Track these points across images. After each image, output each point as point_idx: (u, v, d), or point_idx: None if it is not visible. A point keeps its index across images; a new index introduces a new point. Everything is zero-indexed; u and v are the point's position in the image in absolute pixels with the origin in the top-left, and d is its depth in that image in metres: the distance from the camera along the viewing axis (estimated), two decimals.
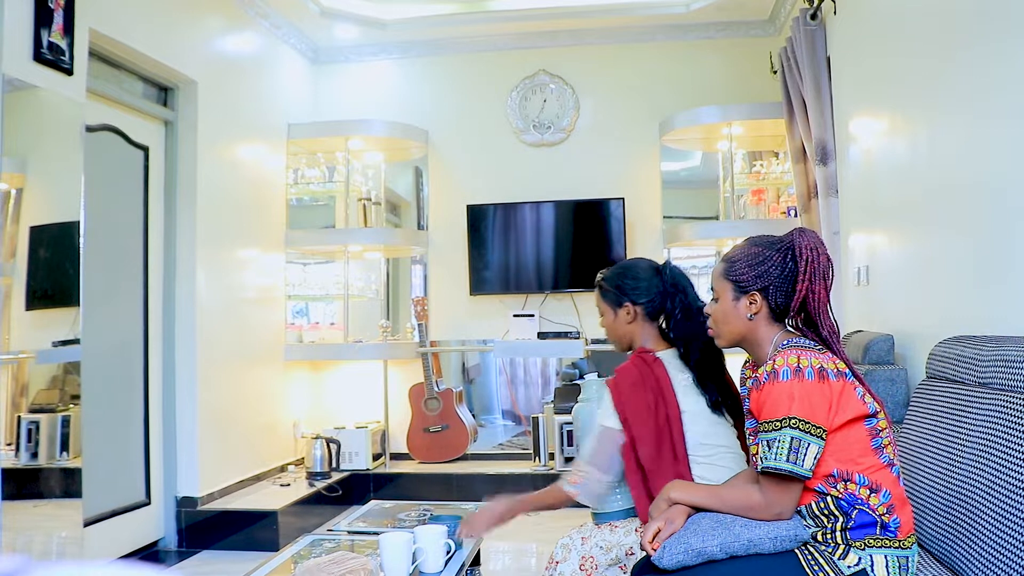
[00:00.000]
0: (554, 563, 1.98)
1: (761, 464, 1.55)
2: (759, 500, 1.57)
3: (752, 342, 1.69)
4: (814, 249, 1.61)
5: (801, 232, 1.65)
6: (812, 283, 1.61)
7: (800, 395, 1.50)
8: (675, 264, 2.14)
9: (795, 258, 1.62)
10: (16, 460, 2.76)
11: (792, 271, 1.63)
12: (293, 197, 4.90)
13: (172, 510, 3.77)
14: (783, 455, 1.50)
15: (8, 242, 2.73)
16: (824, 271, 1.62)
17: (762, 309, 1.66)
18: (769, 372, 1.55)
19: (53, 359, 2.90)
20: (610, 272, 2.17)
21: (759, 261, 1.65)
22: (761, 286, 1.65)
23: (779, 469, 1.51)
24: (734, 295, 1.69)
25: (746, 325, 1.68)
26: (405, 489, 4.52)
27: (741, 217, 4.59)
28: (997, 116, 2.12)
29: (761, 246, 1.67)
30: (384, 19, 4.89)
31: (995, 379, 1.77)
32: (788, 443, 1.49)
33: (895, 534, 1.52)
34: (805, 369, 1.52)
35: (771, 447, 1.51)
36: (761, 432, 1.55)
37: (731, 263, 1.70)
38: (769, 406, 1.53)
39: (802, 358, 1.53)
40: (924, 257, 2.70)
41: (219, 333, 4.04)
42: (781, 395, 1.51)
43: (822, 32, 3.73)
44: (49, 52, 2.75)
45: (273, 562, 2.28)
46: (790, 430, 1.50)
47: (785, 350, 1.57)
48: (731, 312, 1.70)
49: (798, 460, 1.50)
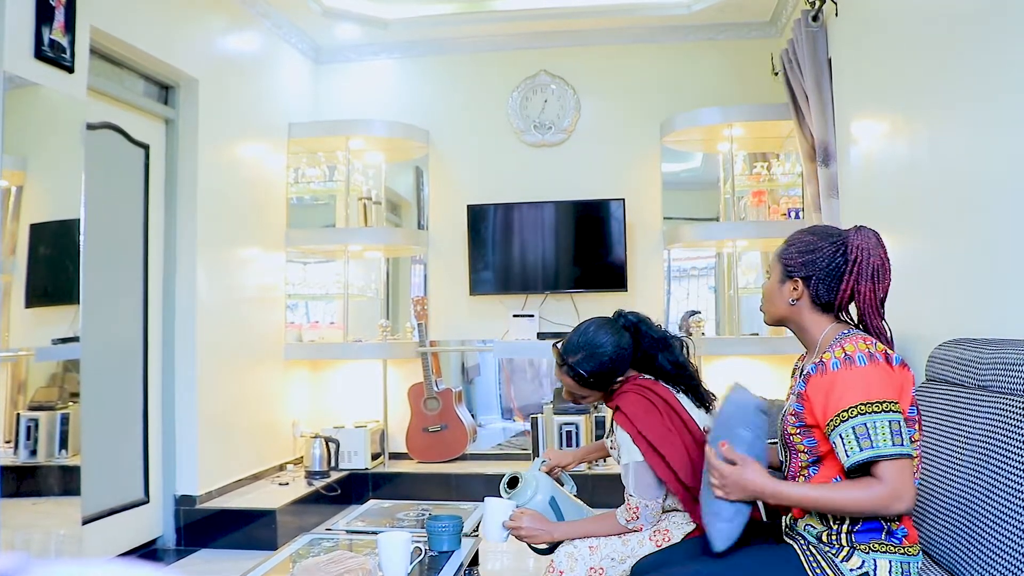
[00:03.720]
0: (557, 572, 1.90)
1: (868, 453, 1.44)
2: (884, 491, 1.44)
3: (797, 326, 1.69)
4: (866, 249, 1.59)
5: (859, 230, 1.63)
6: (859, 282, 1.59)
7: (883, 377, 1.48)
8: (624, 311, 2.06)
9: (845, 254, 1.60)
10: (15, 457, 2.75)
11: (839, 266, 1.61)
12: (293, 196, 4.90)
13: (171, 508, 3.76)
14: (888, 439, 1.43)
15: (8, 239, 2.73)
16: (874, 272, 1.59)
17: (803, 297, 1.65)
18: (841, 359, 1.51)
19: (53, 357, 2.90)
20: (579, 359, 1.96)
21: (810, 249, 1.64)
22: (805, 274, 1.64)
23: (892, 454, 1.43)
24: (780, 277, 1.69)
25: (788, 309, 1.68)
26: (404, 489, 4.52)
27: (742, 219, 4.59)
28: (997, 119, 2.12)
29: (817, 235, 1.66)
30: (386, 19, 4.89)
31: (995, 382, 1.77)
32: (888, 426, 1.44)
33: (900, 541, 1.52)
34: (876, 354, 1.50)
35: (872, 432, 1.44)
36: (846, 420, 1.46)
37: (787, 246, 1.70)
38: (851, 391, 1.47)
39: (869, 343, 1.52)
40: (924, 259, 2.70)
41: (219, 332, 4.04)
42: (865, 380, 1.47)
43: (823, 34, 3.72)
44: (50, 50, 2.75)
45: (271, 561, 2.28)
46: (885, 413, 1.44)
47: (849, 338, 1.55)
48: (775, 293, 1.71)
49: (903, 441, 1.44)
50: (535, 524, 2.00)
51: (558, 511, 2.11)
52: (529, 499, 2.09)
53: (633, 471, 1.88)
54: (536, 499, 2.09)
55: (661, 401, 1.91)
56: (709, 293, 5.09)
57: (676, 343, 2.02)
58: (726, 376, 4.55)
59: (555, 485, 2.17)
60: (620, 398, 1.94)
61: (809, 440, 1.58)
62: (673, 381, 1.98)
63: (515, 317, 4.88)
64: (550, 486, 2.14)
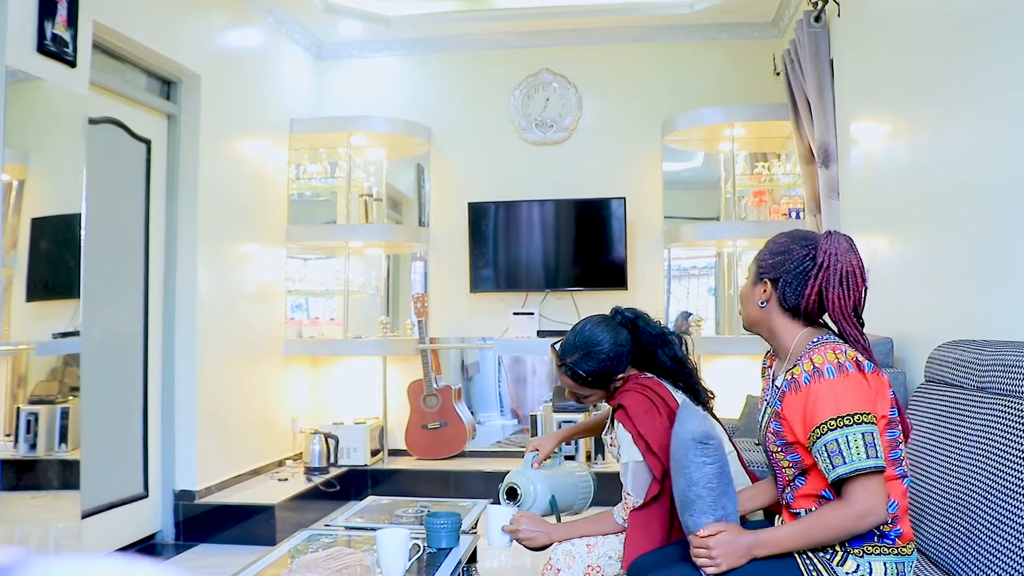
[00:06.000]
0: (555, 570, 1.91)
1: (842, 469, 1.44)
2: (852, 511, 1.45)
3: (767, 330, 1.67)
4: (834, 254, 1.55)
5: (830, 234, 1.60)
6: (826, 288, 1.55)
7: (853, 388, 1.46)
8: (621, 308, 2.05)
9: (814, 258, 1.57)
10: (15, 451, 2.76)
11: (807, 270, 1.58)
12: (295, 192, 4.90)
13: (170, 503, 3.77)
14: (861, 453, 1.42)
15: (9, 233, 2.73)
16: (843, 278, 1.55)
17: (771, 299, 1.63)
18: (810, 372, 1.49)
19: (53, 351, 2.90)
20: (577, 358, 1.94)
21: (781, 251, 1.62)
22: (774, 276, 1.62)
23: (866, 468, 1.42)
24: (753, 278, 1.68)
25: (758, 311, 1.66)
26: (403, 485, 4.53)
27: (742, 218, 4.59)
28: (998, 120, 2.12)
29: (790, 238, 1.64)
30: (388, 16, 4.89)
31: (994, 383, 1.77)
32: (861, 439, 1.43)
33: (894, 542, 1.52)
34: (845, 363, 1.48)
35: (844, 448, 1.43)
36: (821, 436, 1.46)
37: (764, 248, 1.68)
38: (822, 406, 1.46)
39: (838, 352, 1.50)
40: (924, 260, 2.70)
41: (219, 327, 4.04)
42: (834, 392, 1.46)
43: (826, 34, 3.72)
44: (53, 44, 2.75)
45: (270, 556, 2.29)
46: (857, 426, 1.43)
47: (819, 347, 1.53)
48: (747, 294, 1.70)
49: (877, 454, 1.44)
50: (533, 526, 2.01)
51: (557, 509, 2.14)
52: (530, 508, 2.11)
53: (632, 470, 1.88)
54: (536, 505, 2.12)
55: (661, 402, 1.91)
56: (708, 293, 5.09)
57: (675, 339, 2.01)
58: (726, 376, 4.57)
59: (549, 477, 2.19)
60: (622, 396, 1.94)
61: (792, 455, 1.57)
62: (673, 377, 1.98)
63: (515, 315, 4.88)
64: (547, 485, 2.15)
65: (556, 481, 2.18)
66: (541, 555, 2.07)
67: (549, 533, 2.00)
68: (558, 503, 2.15)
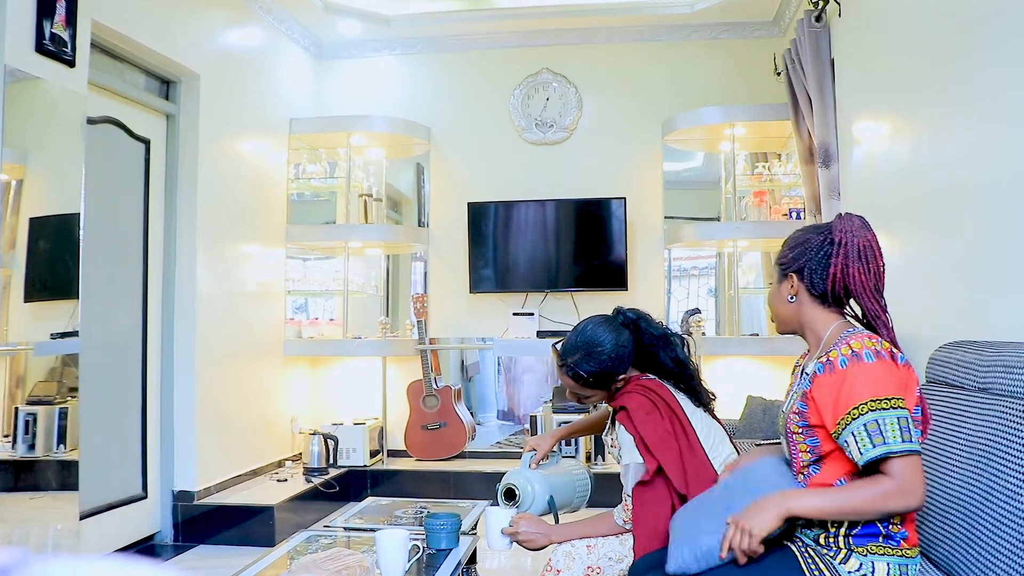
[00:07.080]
0: (555, 571, 1.91)
1: (881, 449, 1.43)
2: (893, 486, 1.43)
3: (800, 324, 1.68)
4: (850, 231, 1.58)
5: (842, 216, 1.64)
6: (847, 264, 1.58)
7: (890, 374, 1.48)
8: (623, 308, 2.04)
9: (832, 239, 1.60)
10: (13, 452, 2.75)
11: (827, 252, 1.60)
12: (294, 192, 4.90)
13: (169, 504, 3.76)
14: (898, 436, 1.43)
15: (8, 233, 2.72)
16: (861, 252, 1.58)
17: (800, 291, 1.64)
18: (848, 356, 1.50)
19: (51, 351, 2.90)
20: (578, 359, 1.93)
21: (800, 243, 1.65)
22: (798, 267, 1.64)
23: (905, 451, 1.42)
24: (778, 278, 1.70)
25: (790, 308, 1.67)
26: (402, 486, 4.52)
27: (743, 219, 4.58)
28: (999, 120, 2.11)
29: (804, 230, 1.67)
30: (388, 15, 4.88)
31: (995, 384, 1.76)
32: (897, 423, 1.44)
33: (899, 544, 1.51)
34: (882, 352, 1.50)
35: (884, 428, 1.43)
36: (859, 417, 1.46)
37: (780, 250, 1.71)
38: (860, 387, 1.47)
39: (874, 340, 1.53)
40: (925, 261, 2.69)
41: (218, 327, 4.03)
42: (873, 375, 1.47)
43: (826, 34, 3.71)
44: (51, 43, 2.74)
45: (269, 557, 2.28)
46: (895, 410, 1.44)
47: (856, 335, 1.55)
48: (776, 295, 1.71)
49: (912, 438, 1.44)
50: (533, 528, 2.01)
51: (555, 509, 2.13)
52: (528, 508, 2.11)
53: (633, 472, 1.87)
54: (535, 506, 2.11)
55: (663, 404, 1.90)
56: (709, 293, 5.09)
57: (677, 340, 2.01)
58: (726, 376, 4.56)
59: (547, 476, 2.18)
60: (624, 398, 1.93)
61: (812, 439, 1.58)
62: (674, 379, 1.97)
63: (515, 315, 4.87)
64: (545, 485, 2.14)
65: (554, 480, 2.18)
66: (541, 556, 2.07)
67: (549, 534, 2.00)
68: (556, 502, 2.14)
